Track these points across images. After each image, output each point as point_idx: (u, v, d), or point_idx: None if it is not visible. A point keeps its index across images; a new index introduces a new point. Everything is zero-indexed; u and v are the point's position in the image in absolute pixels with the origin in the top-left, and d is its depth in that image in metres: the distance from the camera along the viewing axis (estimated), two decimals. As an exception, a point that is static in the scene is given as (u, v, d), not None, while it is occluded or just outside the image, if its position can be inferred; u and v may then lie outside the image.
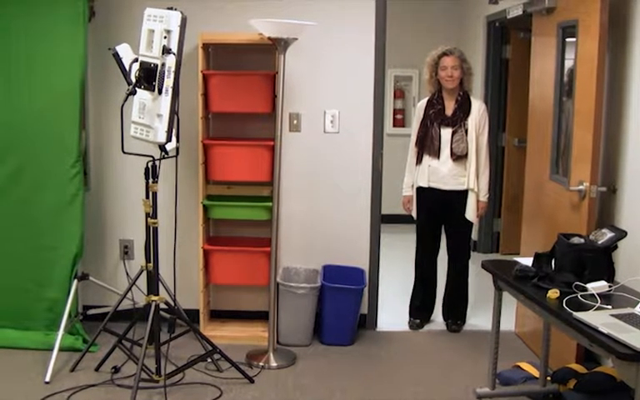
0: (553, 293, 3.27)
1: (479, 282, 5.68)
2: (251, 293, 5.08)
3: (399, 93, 8.49)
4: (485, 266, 3.87)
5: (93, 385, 4.17)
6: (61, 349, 4.42)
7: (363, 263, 5.07)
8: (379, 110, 4.97)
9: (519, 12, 5.30)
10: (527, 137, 5.05)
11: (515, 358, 4.51)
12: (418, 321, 5.21)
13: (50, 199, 4.64)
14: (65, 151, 4.61)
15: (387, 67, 5.07)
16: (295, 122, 4.94)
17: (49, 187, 4.64)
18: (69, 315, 4.57)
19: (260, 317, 5.03)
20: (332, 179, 5.00)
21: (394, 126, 8.42)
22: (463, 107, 4.89)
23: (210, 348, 4.31)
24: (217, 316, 5.14)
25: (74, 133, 4.61)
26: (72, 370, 4.37)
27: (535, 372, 4.23)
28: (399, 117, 8.49)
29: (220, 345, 4.35)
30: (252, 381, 4.25)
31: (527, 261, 3.70)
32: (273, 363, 4.51)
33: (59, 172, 4.62)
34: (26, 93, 4.61)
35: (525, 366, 4.35)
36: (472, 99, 4.95)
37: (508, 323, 4.98)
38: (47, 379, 4.22)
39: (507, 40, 6.96)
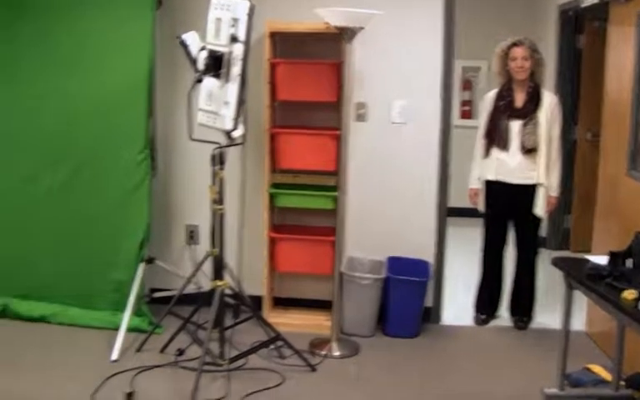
0: (630, 294, 3.14)
1: (547, 278, 5.55)
2: (315, 282, 5.07)
3: (467, 85, 8.37)
4: (556, 262, 3.77)
5: (158, 366, 4.23)
6: (127, 330, 4.50)
7: (429, 256, 5.00)
8: (447, 101, 4.89)
9: (595, 0, 5.13)
10: (600, 130, 4.89)
11: (585, 360, 4.36)
12: (484, 316, 5.12)
13: (118, 184, 4.72)
14: (133, 137, 4.67)
15: (454, 58, 4.98)
16: (361, 111, 4.90)
17: (118, 172, 4.71)
18: (136, 297, 4.63)
19: (323, 305, 4.99)
20: (399, 170, 4.94)
21: (461, 117, 8.31)
22: (534, 99, 4.76)
23: (273, 335, 4.32)
24: (281, 303, 5.15)
25: (142, 120, 4.66)
26: (138, 350, 4.45)
27: (607, 376, 4.09)
28: (466, 108, 8.38)
29: (283, 332, 4.36)
30: (314, 369, 4.25)
31: (600, 259, 3.57)
32: (336, 352, 4.49)
33: (127, 159, 4.69)
34: (95, 81, 4.69)
35: (596, 368, 4.21)
36: (544, 91, 4.82)
37: (578, 323, 4.81)
38: (114, 358, 4.30)
39: (581, 29, 6.76)
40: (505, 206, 4.92)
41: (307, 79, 4.66)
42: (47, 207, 4.83)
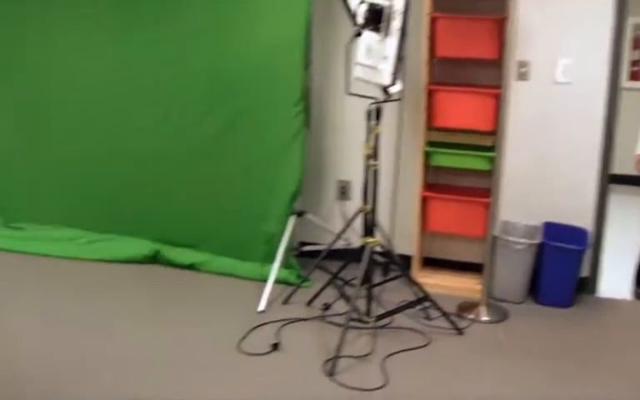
0: None
1: None
2: (466, 244, 4.97)
3: (638, 43, 7.90)
4: None
5: (304, 319, 4.28)
6: (275, 281, 4.57)
7: (587, 224, 4.76)
8: (616, 60, 4.59)
9: None
10: None
11: None
12: (645, 291, 4.86)
13: (273, 137, 4.77)
14: (288, 90, 4.69)
15: (627, 14, 4.67)
16: (523, 70, 4.69)
17: (272, 125, 4.76)
18: (285, 250, 4.70)
19: (473, 268, 4.90)
20: (560, 132, 4.71)
21: (630, 79, 7.86)
22: None
23: (421, 295, 4.26)
24: (430, 263, 5.08)
25: (298, 73, 4.66)
26: (285, 302, 4.51)
27: None
28: (636, 69, 7.91)
29: (431, 293, 4.30)
30: (461, 333, 4.17)
31: None
32: (484, 317, 4.39)
33: (282, 111, 4.71)
34: (253, 34, 4.73)
35: None
36: None
37: None
38: (261, 308, 4.38)
39: None
40: (676, 175, 4.61)
41: (467, 35, 4.50)
42: (202, 157, 4.97)
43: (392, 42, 3.74)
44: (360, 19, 3.89)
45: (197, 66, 4.87)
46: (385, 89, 3.86)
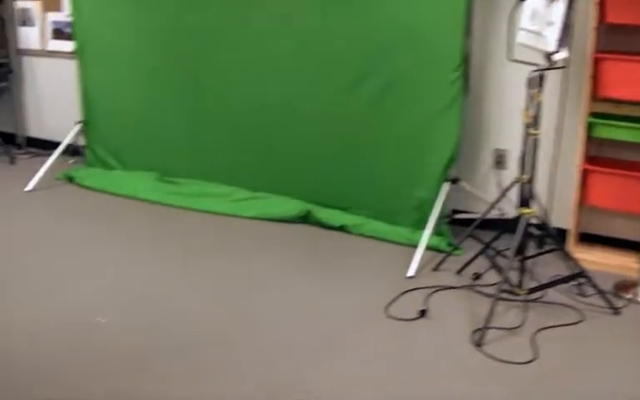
0: None
1: None
2: (626, 220, 4.76)
3: None
4: None
5: (453, 287, 4.26)
6: (426, 248, 4.56)
7: None
8: None
9: None
10: None
11: None
12: None
13: (429, 102, 4.72)
14: (447, 55, 4.62)
15: None
16: None
17: (429, 90, 4.71)
18: (438, 216, 4.67)
19: (633, 246, 4.69)
20: None
21: None
22: None
23: (576, 271, 4.13)
24: (587, 239, 4.90)
25: (458, 38, 4.59)
26: (435, 269, 4.50)
27: None
28: None
29: (586, 269, 4.15)
30: (617, 312, 4.01)
31: None
32: (642, 298, 4.22)
33: (440, 76, 4.65)
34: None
35: None
36: None
37: None
38: (411, 274, 4.39)
39: None
40: None
41: (641, -1, 4.28)
42: (358, 119, 5.00)
43: (559, 8, 3.61)
44: (526, -17, 3.79)
45: (358, 28, 4.88)
46: (549, 56, 3.73)
